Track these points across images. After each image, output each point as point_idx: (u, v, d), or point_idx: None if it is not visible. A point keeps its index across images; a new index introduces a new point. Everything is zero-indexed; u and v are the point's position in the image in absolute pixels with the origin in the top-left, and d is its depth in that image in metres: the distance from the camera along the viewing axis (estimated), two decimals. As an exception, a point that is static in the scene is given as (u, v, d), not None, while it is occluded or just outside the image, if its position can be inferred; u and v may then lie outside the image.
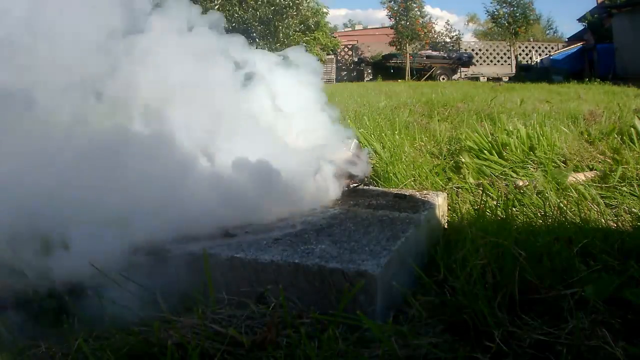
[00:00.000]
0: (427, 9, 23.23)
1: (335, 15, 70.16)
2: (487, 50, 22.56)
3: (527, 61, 20.89)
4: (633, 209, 1.86)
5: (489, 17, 22.45)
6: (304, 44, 17.68)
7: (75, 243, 1.18)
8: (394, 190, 1.85)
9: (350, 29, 35.92)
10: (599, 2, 19.30)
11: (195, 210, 1.30)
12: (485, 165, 2.56)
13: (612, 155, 2.56)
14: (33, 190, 1.22)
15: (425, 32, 20.86)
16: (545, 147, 2.66)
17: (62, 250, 1.19)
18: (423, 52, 20.87)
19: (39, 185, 1.22)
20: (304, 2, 18.20)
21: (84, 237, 1.17)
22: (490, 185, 2.26)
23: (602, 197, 2.01)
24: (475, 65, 21.52)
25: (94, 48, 1.41)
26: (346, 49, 23.16)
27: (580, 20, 20.25)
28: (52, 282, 1.18)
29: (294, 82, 1.82)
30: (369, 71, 22.24)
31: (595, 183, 2.20)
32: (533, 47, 22.19)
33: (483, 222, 1.54)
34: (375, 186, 2.25)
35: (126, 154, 1.32)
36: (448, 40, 24.34)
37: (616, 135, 2.89)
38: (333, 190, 1.70)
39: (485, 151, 2.73)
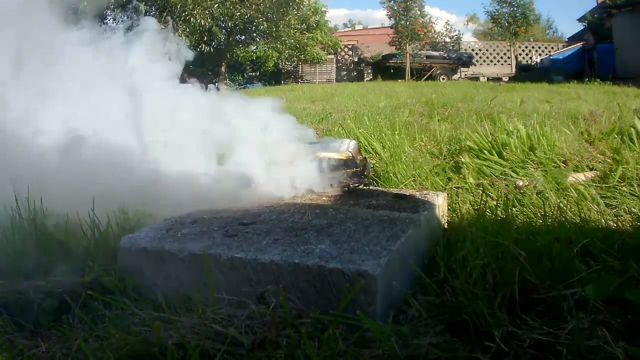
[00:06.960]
0: (427, 8, 23.15)
1: (335, 15, 70.30)
2: (487, 50, 22.54)
3: (527, 61, 20.89)
4: (633, 209, 1.86)
5: (489, 17, 22.46)
6: (305, 42, 17.70)
7: None
8: (394, 190, 1.85)
9: (350, 29, 35.87)
10: (599, 2, 19.31)
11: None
12: (485, 165, 2.56)
13: (612, 155, 2.56)
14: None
15: (425, 32, 20.84)
16: (545, 147, 2.66)
17: None
18: (423, 52, 20.86)
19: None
20: (305, 0, 18.19)
21: None
22: (490, 185, 2.26)
23: (602, 197, 2.01)
24: (475, 65, 21.50)
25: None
26: (346, 49, 23.14)
27: (580, 20, 20.29)
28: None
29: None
30: (369, 71, 22.23)
31: (595, 183, 2.20)
32: (533, 47, 22.18)
33: (483, 222, 1.53)
34: (375, 186, 2.25)
35: None
36: (448, 40, 24.30)
37: (616, 135, 2.89)
38: (333, 189, 1.70)
39: (485, 151, 2.72)
